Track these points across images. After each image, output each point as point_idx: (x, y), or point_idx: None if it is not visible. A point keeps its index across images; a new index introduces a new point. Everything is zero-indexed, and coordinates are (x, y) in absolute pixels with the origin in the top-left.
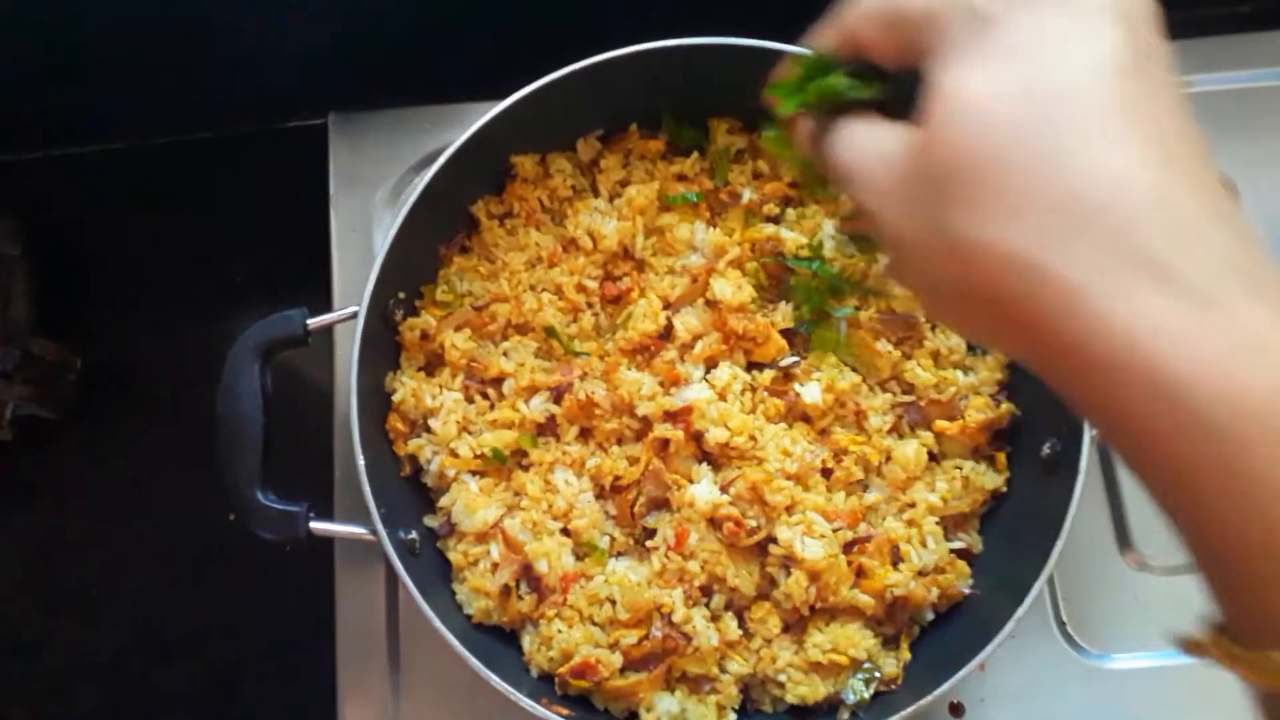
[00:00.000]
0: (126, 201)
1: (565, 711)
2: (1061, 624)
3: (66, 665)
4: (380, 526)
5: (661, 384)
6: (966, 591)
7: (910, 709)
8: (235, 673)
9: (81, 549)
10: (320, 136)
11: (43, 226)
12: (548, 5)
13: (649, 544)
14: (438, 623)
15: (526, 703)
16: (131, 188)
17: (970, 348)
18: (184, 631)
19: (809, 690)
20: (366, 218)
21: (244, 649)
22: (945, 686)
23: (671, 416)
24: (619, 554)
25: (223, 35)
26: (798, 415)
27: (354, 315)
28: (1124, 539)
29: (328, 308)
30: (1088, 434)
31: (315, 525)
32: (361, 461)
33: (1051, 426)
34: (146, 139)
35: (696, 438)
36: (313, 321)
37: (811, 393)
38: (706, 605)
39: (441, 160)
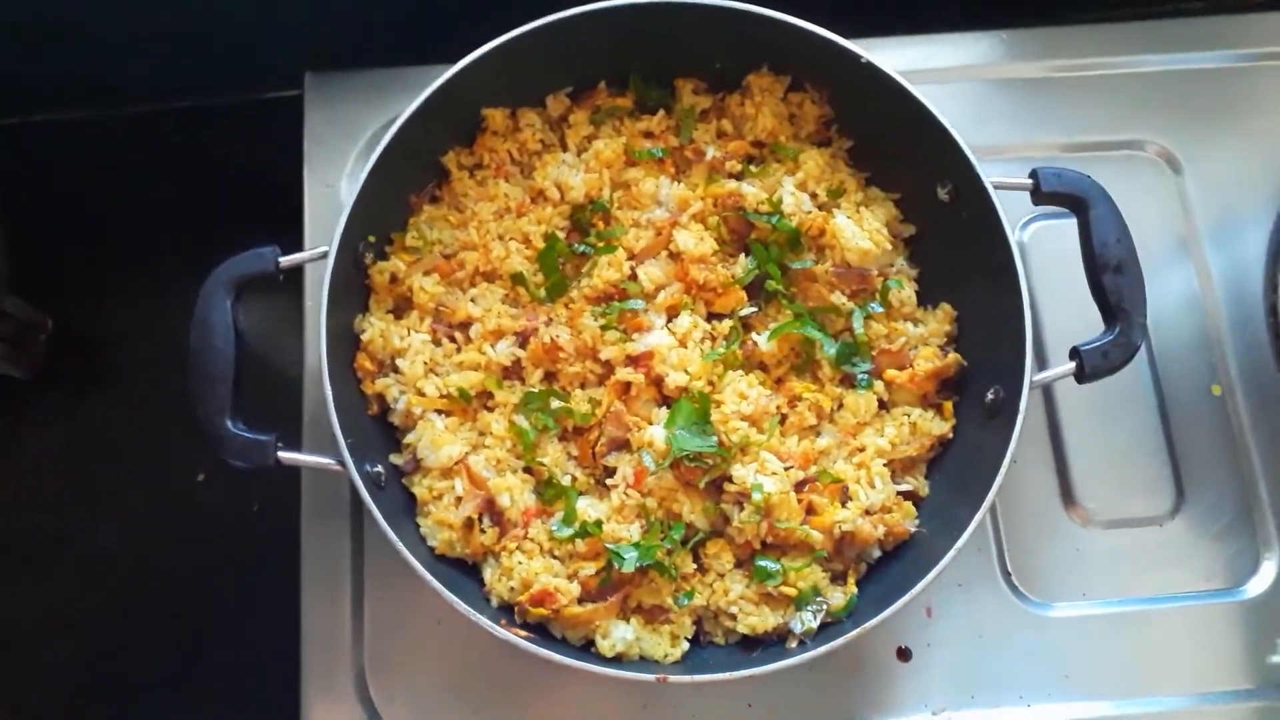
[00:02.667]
0: (103, 167)
1: (523, 633)
2: (1007, 574)
3: (33, 622)
4: (347, 456)
5: (624, 330)
6: (912, 530)
7: (853, 634)
8: (201, 625)
9: (48, 508)
10: (295, 108)
11: (19, 189)
12: None
13: (609, 482)
14: (403, 549)
15: (487, 624)
16: (108, 154)
17: (920, 301)
18: (150, 588)
19: (759, 620)
20: (339, 173)
21: (211, 602)
22: (886, 614)
23: (633, 361)
24: (580, 493)
25: (202, 4)
26: (755, 363)
27: (324, 255)
28: (1068, 494)
29: None
30: (1027, 380)
31: (283, 455)
32: (329, 392)
33: (995, 375)
34: (125, 107)
35: (657, 382)
36: (284, 259)
37: (766, 341)
38: (668, 537)
39: (410, 109)
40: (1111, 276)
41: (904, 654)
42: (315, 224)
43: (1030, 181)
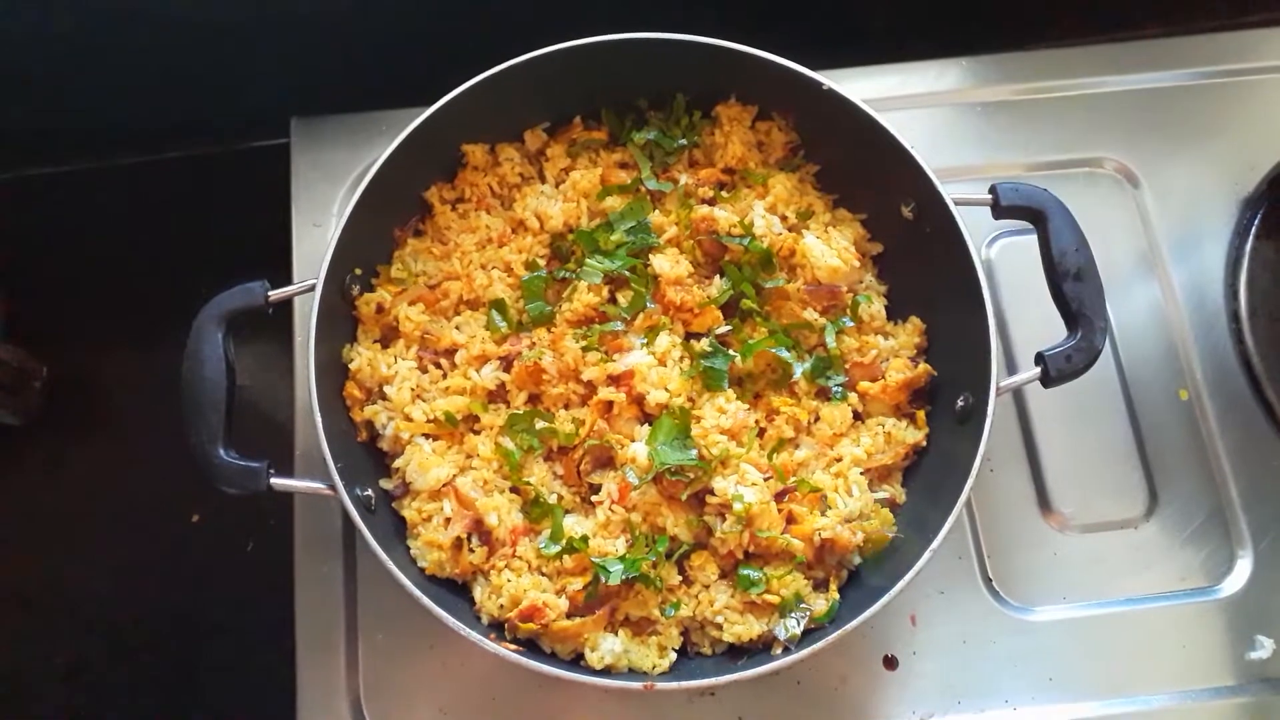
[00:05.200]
0: (96, 217)
1: (514, 647)
2: (988, 580)
3: (27, 668)
4: (338, 480)
5: (606, 352)
6: (890, 535)
7: (834, 635)
8: (197, 659)
9: (43, 553)
10: (282, 154)
11: (14, 239)
12: (501, 10)
13: (594, 499)
14: (394, 568)
15: (478, 638)
16: (101, 204)
17: (890, 315)
18: (145, 631)
19: (744, 629)
20: (326, 213)
21: (208, 638)
22: (865, 615)
23: (615, 380)
24: (566, 510)
25: (190, 56)
26: (734, 379)
27: (312, 288)
28: (1044, 501)
29: None
30: (994, 386)
31: (275, 481)
32: (319, 419)
33: (964, 383)
34: (117, 158)
35: (639, 400)
36: (273, 293)
37: (742, 359)
38: (652, 550)
39: (393, 146)
40: (1071, 284)
41: (890, 662)
42: (303, 262)
43: (990, 197)
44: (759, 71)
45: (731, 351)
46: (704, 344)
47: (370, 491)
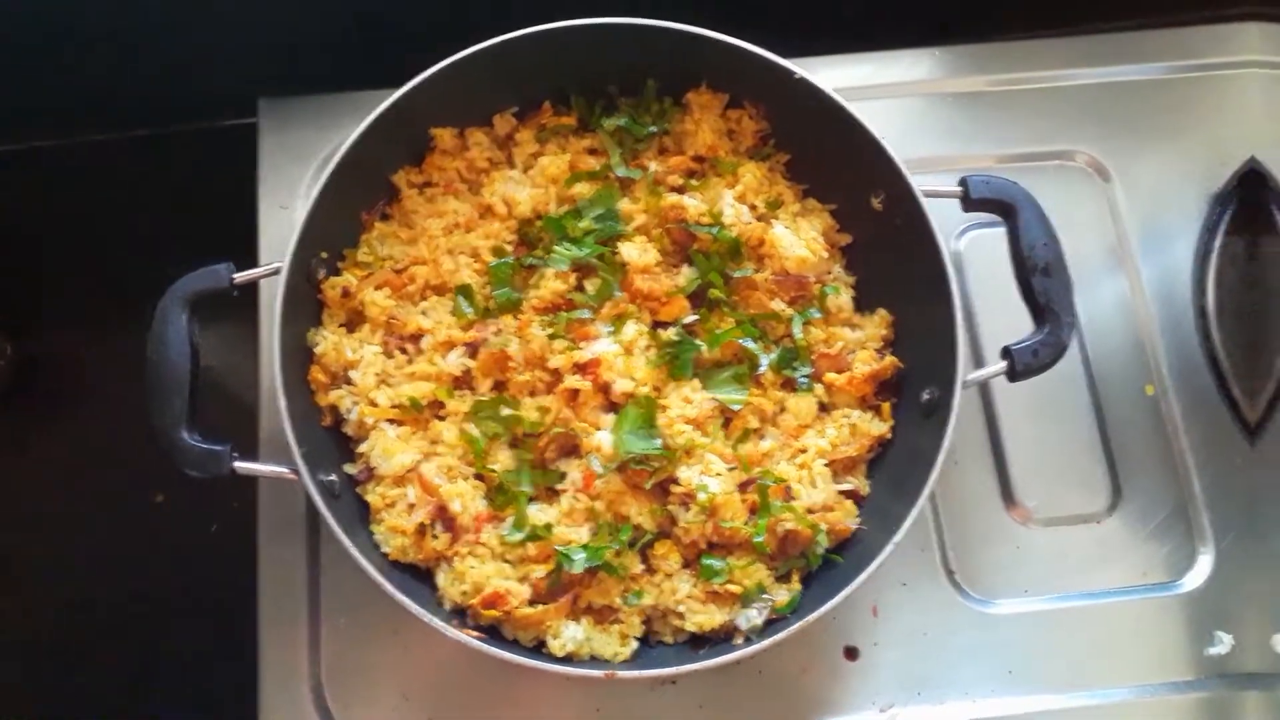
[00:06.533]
0: (63, 195)
1: (476, 634)
2: (950, 573)
3: None
4: (301, 464)
5: (572, 340)
6: (853, 527)
7: (795, 626)
8: (157, 640)
9: (4, 531)
10: (249, 135)
11: None
12: None
13: (559, 486)
14: (356, 553)
15: (440, 625)
16: (68, 182)
17: (858, 306)
18: (107, 608)
19: (706, 618)
20: (293, 195)
21: (168, 621)
22: (827, 606)
23: (581, 368)
24: (530, 498)
25: (157, 32)
26: (700, 368)
27: (277, 271)
28: (1008, 494)
29: None
30: (959, 379)
31: (239, 464)
32: (283, 403)
33: (930, 376)
34: (82, 135)
35: (604, 389)
36: (239, 275)
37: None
38: (616, 539)
39: (360, 129)
40: (1039, 278)
41: (851, 653)
42: (270, 245)
43: (960, 189)
44: (730, 58)
45: (698, 341)
46: (671, 333)
47: (334, 476)
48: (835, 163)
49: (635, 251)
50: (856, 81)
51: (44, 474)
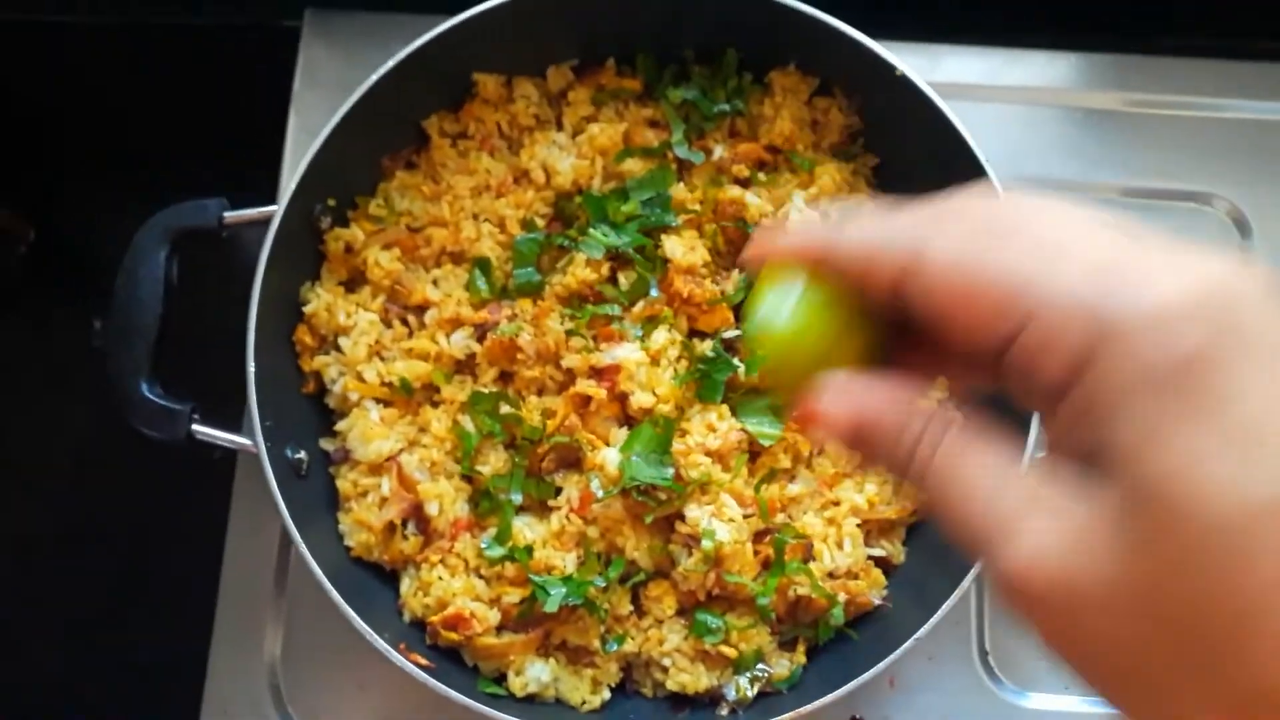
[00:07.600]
0: (94, 76)
1: (424, 661)
2: (984, 653)
3: None
4: (260, 438)
5: (593, 339)
6: (876, 602)
7: (789, 714)
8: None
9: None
10: (295, 38)
11: (4, 92)
12: None
13: (552, 503)
14: (304, 549)
15: (382, 646)
16: (99, 63)
17: None
18: (71, 529)
19: (690, 679)
20: (326, 124)
21: (131, 589)
22: (831, 697)
23: (598, 373)
24: (519, 509)
25: None
26: (733, 392)
27: (272, 215)
28: None
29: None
30: (1029, 448)
31: (197, 429)
32: (252, 366)
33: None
34: (118, 14)
35: (621, 399)
36: (230, 215)
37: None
38: (604, 574)
39: (388, 65)
40: None
41: None
42: (293, 174)
43: None
44: (827, 40)
45: (736, 361)
46: (707, 346)
47: (303, 454)
48: (928, 178)
49: (681, 248)
50: (978, 78)
51: (39, 374)
